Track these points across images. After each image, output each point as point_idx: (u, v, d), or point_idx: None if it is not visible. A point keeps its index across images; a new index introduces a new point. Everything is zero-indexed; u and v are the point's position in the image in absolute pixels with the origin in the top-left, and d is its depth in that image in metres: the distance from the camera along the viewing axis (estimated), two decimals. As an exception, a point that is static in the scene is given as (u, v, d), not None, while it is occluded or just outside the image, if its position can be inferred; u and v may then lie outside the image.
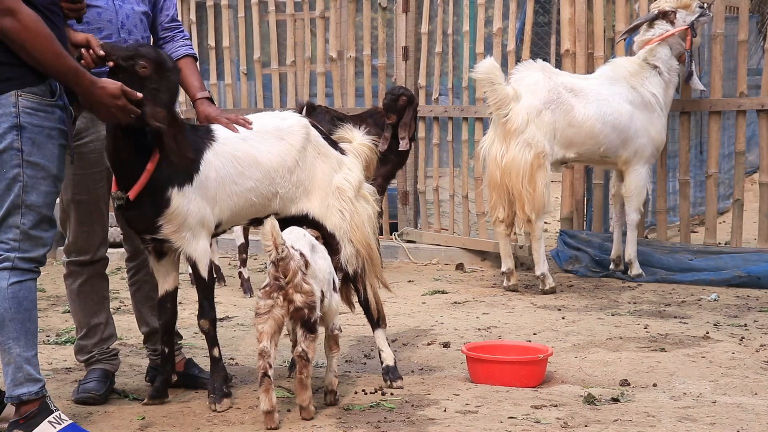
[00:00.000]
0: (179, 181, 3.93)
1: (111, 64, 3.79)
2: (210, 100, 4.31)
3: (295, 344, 4.03)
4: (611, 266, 7.24)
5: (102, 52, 3.77)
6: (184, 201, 3.93)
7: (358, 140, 4.49)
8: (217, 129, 4.13)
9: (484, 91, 6.75)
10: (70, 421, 3.56)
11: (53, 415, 3.51)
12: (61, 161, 3.53)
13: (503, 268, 6.91)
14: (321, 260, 3.91)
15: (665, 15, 7.04)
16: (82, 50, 3.76)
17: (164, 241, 4.01)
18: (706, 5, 7.14)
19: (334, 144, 4.40)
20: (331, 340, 4.06)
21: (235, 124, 4.17)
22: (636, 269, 7.03)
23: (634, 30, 7.21)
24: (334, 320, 4.03)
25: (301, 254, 3.76)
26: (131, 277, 4.44)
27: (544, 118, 6.66)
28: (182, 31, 4.41)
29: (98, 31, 4.05)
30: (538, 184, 6.61)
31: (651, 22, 7.09)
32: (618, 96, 6.86)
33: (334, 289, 4.01)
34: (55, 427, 3.49)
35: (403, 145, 7.21)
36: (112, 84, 3.62)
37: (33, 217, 3.43)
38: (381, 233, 8.36)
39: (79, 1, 3.88)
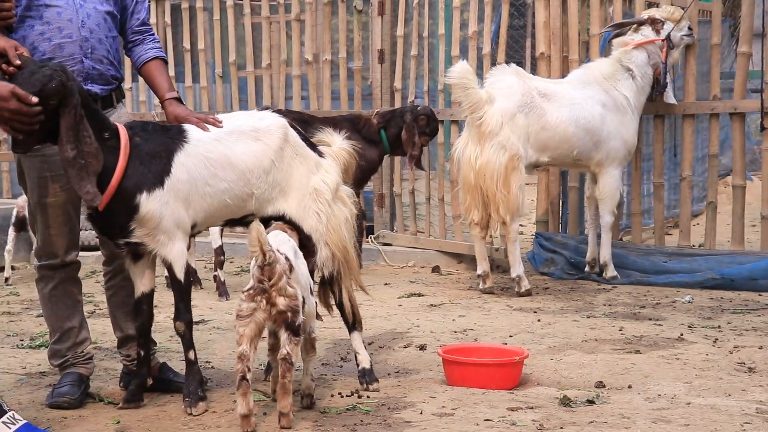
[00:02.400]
0: (148, 186, 3.90)
1: None
2: (179, 100, 4.28)
3: (273, 348, 4.02)
4: (586, 268, 7.27)
5: (18, 62, 3.70)
6: (155, 205, 3.90)
7: (337, 144, 4.49)
8: (190, 130, 4.10)
9: (458, 95, 6.76)
10: (25, 421, 3.53)
11: (7, 415, 3.49)
12: None
13: (479, 271, 6.93)
14: (302, 265, 3.91)
15: (654, 22, 7.08)
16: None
17: (139, 244, 3.99)
18: (688, 20, 7.19)
19: (312, 146, 4.39)
20: (308, 343, 4.05)
21: (205, 123, 4.14)
22: (611, 271, 7.06)
23: (620, 27, 7.24)
24: (311, 324, 4.03)
25: (286, 258, 3.75)
26: (107, 281, 4.42)
27: (518, 121, 6.69)
28: (152, 34, 4.40)
29: (59, 30, 4.04)
30: (513, 187, 6.64)
31: (638, 26, 7.13)
32: (590, 99, 6.90)
33: (311, 293, 4.00)
34: (9, 428, 3.47)
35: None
36: (2, 85, 3.45)
37: None
38: (367, 235, 8.38)
39: (6, 8, 3.84)
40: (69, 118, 3.72)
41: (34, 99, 3.53)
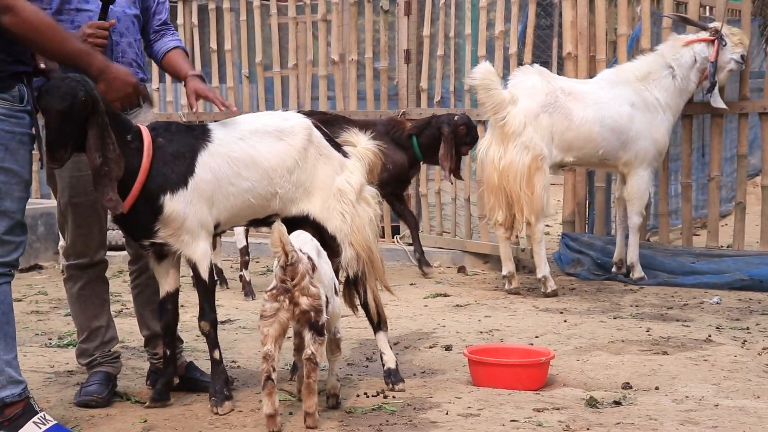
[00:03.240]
0: (172, 187, 3.92)
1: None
2: (200, 77, 4.30)
3: (298, 348, 4.03)
4: (613, 269, 7.24)
5: (43, 66, 3.71)
6: (179, 205, 3.92)
7: (362, 144, 4.49)
8: (214, 129, 4.12)
9: (481, 96, 6.74)
10: (55, 422, 3.56)
11: (38, 416, 3.51)
12: (31, 166, 3.55)
13: (504, 272, 6.91)
14: (325, 265, 3.91)
15: (716, 32, 6.97)
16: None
17: (164, 245, 4.02)
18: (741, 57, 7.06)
19: (337, 146, 4.40)
20: (333, 343, 4.05)
21: (222, 104, 4.18)
22: (638, 272, 7.03)
23: (685, 23, 7.18)
24: (336, 324, 4.03)
25: (309, 258, 3.75)
26: (133, 280, 4.44)
27: (542, 122, 6.68)
28: (171, 29, 4.43)
29: None
30: (536, 187, 6.64)
31: (698, 30, 7.07)
32: (619, 98, 6.86)
33: (336, 293, 4.01)
34: (40, 428, 3.50)
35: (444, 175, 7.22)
36: (122, 67, 3.76)
37: (7, 222, 3.43)
38: (393, 235, 8.36)
39: (103, 35, 3.96)
40: (96, 126, 3.76)
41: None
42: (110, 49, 4.11)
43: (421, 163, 7.43)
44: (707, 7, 8.93)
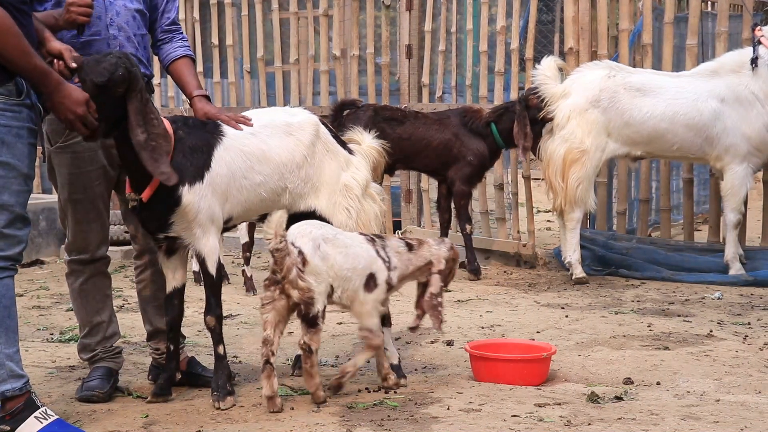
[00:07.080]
0: (190, 179, 3.96)
1: (76, 80, 3.76)
2: (207, 98, 4.32)
3: None
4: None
5: (74, 65, 3.73)
6: (195, 198, 3.96)
7: (366, 143, 4.53)
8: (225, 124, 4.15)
9: (539, 88, 6.88)
10: (57, 417, 3.57)
11: (39, 410, 3.52)
12: (31, 160, 3.55)
13: (565, 260, 6.98)
14: (339, 256, 3.93)
15: None
16: (55, 60, 3.73)
17: (176, 239, 4.04)
18: None
19: (342, 143, 4.43)
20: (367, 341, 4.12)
21: (236, 122, 4.18)
22: (736, 269, 6.84)
23: None
24: (365, 322, 4.07)
25: (300, 252, 3.78)
26: (138, 275, 4.45)
27: (589, 117, 6.75)
28: (180, 32, 4.44)
29: (86, 27, 4.05)
30: (570, 179, 6.80)
31: None
32: (705, 93, 6.71)
33: (368, 287, 4.04)
34: (41, 423, 3.50)
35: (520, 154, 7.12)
36: (78, 91, 3.59)
37: (6, 216, 3.44)
38: (395, 230, 8.34)
39: (88, 4, 3.91)
40: (136, 102, 3.81)
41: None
42: (107, 42, 4.12)
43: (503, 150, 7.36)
44: (709, 2, 8.93)
